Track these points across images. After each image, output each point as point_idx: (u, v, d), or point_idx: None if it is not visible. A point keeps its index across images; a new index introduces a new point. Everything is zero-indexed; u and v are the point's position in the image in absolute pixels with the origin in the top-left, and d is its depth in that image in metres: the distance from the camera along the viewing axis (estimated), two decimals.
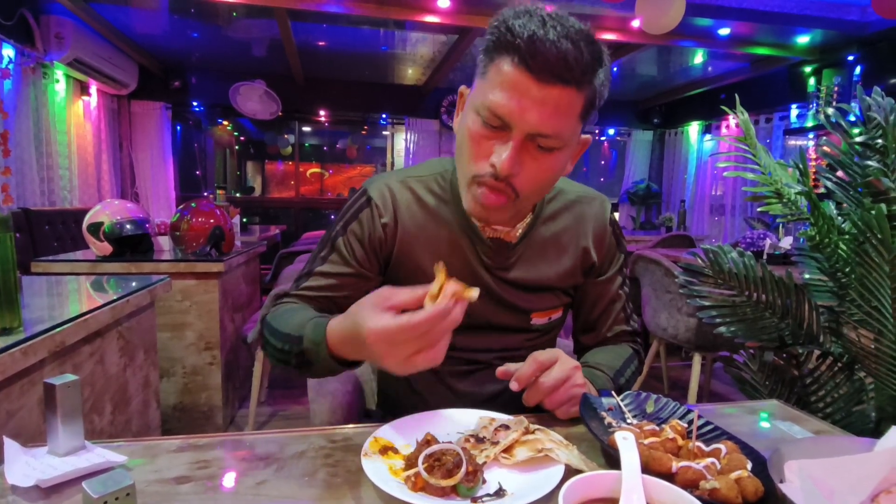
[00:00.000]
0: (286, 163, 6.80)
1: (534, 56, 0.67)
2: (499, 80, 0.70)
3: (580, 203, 0.95)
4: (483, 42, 0.74)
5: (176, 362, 2.28)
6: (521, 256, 0.90)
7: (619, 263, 0.99)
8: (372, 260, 0.89)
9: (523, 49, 0.67)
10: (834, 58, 4.22)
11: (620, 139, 6.76)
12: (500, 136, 0.73)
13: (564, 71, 0.68)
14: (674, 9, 2.70)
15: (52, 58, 3.70)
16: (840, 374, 1.21)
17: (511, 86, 0.69)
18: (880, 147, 1.09)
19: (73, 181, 4.19)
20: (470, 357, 0.93)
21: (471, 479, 0.55)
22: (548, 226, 0.92)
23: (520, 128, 0.70)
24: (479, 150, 0.75)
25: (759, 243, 2.90)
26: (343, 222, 0.90)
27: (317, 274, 0.88)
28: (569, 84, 0.69)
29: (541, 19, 0.68)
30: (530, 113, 0.69)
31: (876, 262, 1.03)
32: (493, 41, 0.72)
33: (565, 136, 0.73)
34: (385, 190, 0.89)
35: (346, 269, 0.87)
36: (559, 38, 0.67)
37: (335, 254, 0.88)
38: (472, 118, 0.75)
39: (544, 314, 0.94)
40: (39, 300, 1.31)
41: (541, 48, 0.67)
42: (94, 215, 2.13)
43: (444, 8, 3.53)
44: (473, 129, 0.74)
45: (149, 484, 0.56)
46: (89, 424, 1.23)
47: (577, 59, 0.68)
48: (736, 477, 0.53)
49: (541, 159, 0.74)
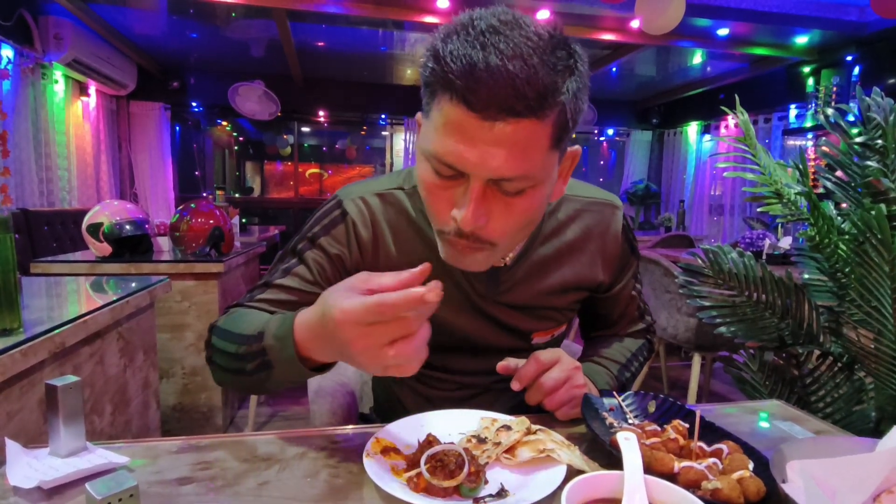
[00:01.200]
0: (285, 163, 6.80)
1: (473, 91, 0.54)
2: (441, 122, 0.58)
3: (587, 213, 0.85)
4: (420, 73, 0.61)
5: (175, 363, 2.28)
6: (517, 280, 0.82)
7: (632, 270, 0.92)
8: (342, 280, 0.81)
9: (458, 85, 0.55)
10: (832, 58, 4.23)
11: (619, 139, 6.77)
12: (457, 185, 0.61)
13: (515, 102, 0.54)
14: (673, 9, 2.71)
15: (50, 58, 3.70)
16: (840, 374, 1.22)
17: (455, 129, 0.57)
18: (880, 147, 1.09)
19: (72, 182, 4.18)
20: (468, 381, 0.88)
21: (473, 480, 0.55)
22: (547, 244, 0.83)
23: (477, 175, 0.58)
24: (438, 201, 0.64)
25: (758, 243, 2.90)
26: (312, 234, 0.79)
27: (275, 286, 0.78)
28: (524, 116, 0.55)
29: (480, 37, 0.55)
30: (485, 158, 0.57)
31: (875, 262, 1.03)
32: (427, 74, 0.59)
33: (534, 174, 0.60)
34: (362, 205, 0.79)
35: (309, 287, 0.77)
36: (504, 59, 0.53)
37: (301, 266, 0.78)
38: (423, 167, 0.63)
39: (546, 333, 0.88)
40: (39, 301, 1.31)
41: (481, 78, 0.54)
42: (94, 216, 2.13)
43: (443, 8, 3.53)
44: (426, 179, 0.63)
45: (151, 485, 0.56)
46: (89, 425, 1.23)
47: (529, 81, 0.54)
48: (738, 477, 0.53)
49: (511, 203, 0.61)
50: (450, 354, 0.85)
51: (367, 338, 0.52)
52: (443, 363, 0.86)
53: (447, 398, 0.87)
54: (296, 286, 0.78)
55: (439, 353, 0.82)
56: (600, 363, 0.88)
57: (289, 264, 0.80)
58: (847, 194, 1.17)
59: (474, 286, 0.81)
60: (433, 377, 0.88)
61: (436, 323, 0.80)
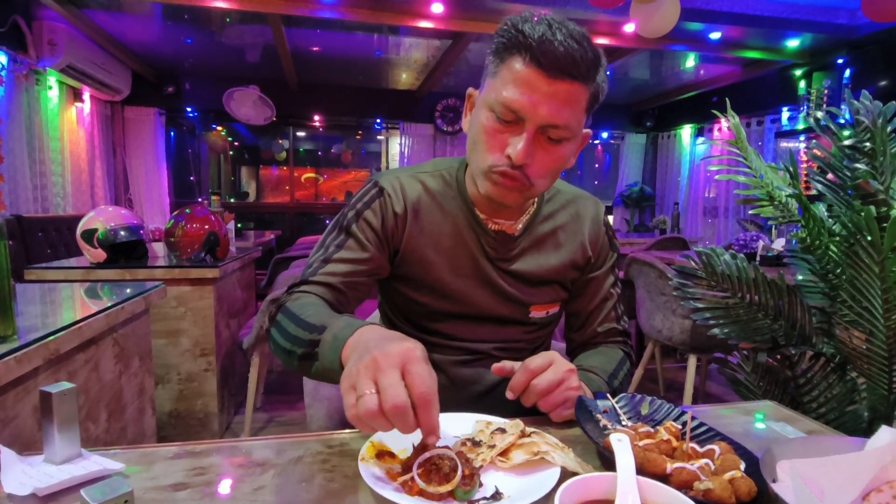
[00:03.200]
0: (281, 168, 6.80)
1: (545, 54, 0.73)
2: (511, 77, 0.76)
3: (576, 202, 1.01)
4: (493, 45, 0.80)
5: (171, 369, 2.27)
6: (523, 249, 0.94)
7: (611, 262, 1.03)
8: (384, 248, 0.91)
9: (535, 48, 0.73)
10: (823, 61, 4.27)
11: (614, 142, 6.80)
12: (513, 130, 0.78)
13: (573, 67, 0.74)
14: (668, 12, 2.73)
15: (44, 64, 3.70)
16: (832, 374, 1.23)
17: (524, 82, 0.75)
18: (869, 150, 1.10)
19: (66, 188, 4.17)
20: (469, 347, 0.96)
21: (467, 483, 0.55)
22: (547, 222, 0.97)
23: (533, 120, 0.76)
24: (494, 143, 0.80)
25: (751, 245, 2.92)
26: (356, 210, 0.92)
27: (335, 260, 0.89)
28: (576, 80, 0.75)
29: (547, 23, 0.75)
30: (542, 106, 0.75)
31: (866, 264, 1.04)
32: (505, 43, 0.77)
33: (574, 126, 0.79)
34: (395, 182, 0.93)
35: (364, 255, 0.89)
36: (566, 38, 0.73)
37: (352, 240, 0.90)
38: (486, 115, 0.80)
39: (542, 308, 0.97)
40: (33, 308, 1.30)
41: (550, 48, 0.73)
42: (88, 222, 2.12)
43: (437, 13, 3.55)
44: (488, 124, 0.79)
45: (146, 491, 0.56)
46: (84, 432, 1.22)
47: (583, 57, 0.74)
48: (729, 477, 0.53)
49: (551, 150, 0.79)
50: (452, 321, 0.95)
51: (374, 378, 0.54)
52: (449, 330, 0.96)
53: (450, 362, 0.95)
54: (349, 257, 0.89)
55: (446, 321, 0.95)
56: (591, 370, 0.90)
57: (340, 240, 0.91)
58: (838, 196, 1.19)
59: (486, 251, 0.93)
60: (440, 344, 0.96)
61: (445, 290, 0.92)
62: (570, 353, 1.07)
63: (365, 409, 0.52)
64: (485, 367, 0.94)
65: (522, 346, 1.00)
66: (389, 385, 0.52)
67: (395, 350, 0.56)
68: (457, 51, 4.29)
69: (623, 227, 6.53)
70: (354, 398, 0.54)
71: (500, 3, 3.43)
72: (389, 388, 0.52)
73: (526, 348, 1.00)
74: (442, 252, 0.92)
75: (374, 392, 0.53)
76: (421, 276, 0.92)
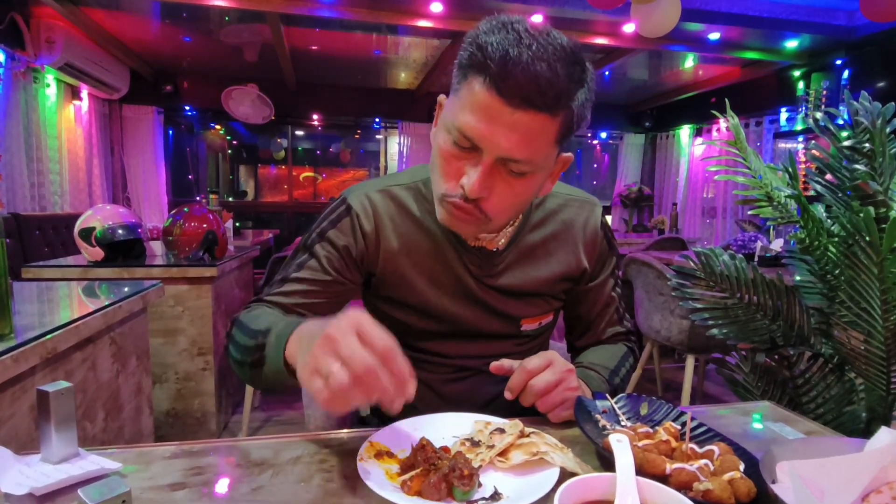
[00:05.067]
0: (279, 167, 6.78)
1: (504, 79, 0.63)
2: (469, 100, 0.67)
3: (568, 208, 0.93)
4: (458, 57, 0.70)
5: (169, 368, 2.27)
6: (509, 264, 0.88)
7: (611, 266, 0.98)
8: (352, 270, 0.86)
9: (494, 71, 0.63)
10: (822, 62, 4.28)
11: (612, 142, 6.80)
12: (470, 158, 0.70)
13: (536, 97, 0.64)
14: (668, 12, 2.73)
15: (42, 62, 3.68)
16: (831, 375, 1.23)
17: (481, 108, 0.66)
18: (867, 151, 1.10)
19: (63, 186, 4.16)
20: (461, 364, 0.92)
21: (466, 483, 0.55)
22: (536, 232, 0.90)
23: (490, 151, 0.67)
24: (450, 169, 0.72)
25: (750, 245, 2.92)
26: (320, 229, 0.86)
27: (292, 280, 0.85)
28: (540, 110, 0.65)
29: (516, 37, 0.64)
30: (500, 137, 0.66)
31: (864, 264, 1.04)
32: (466, 58, 0.68)
33: (538, 161, 0.70)
34: (365, 200, 0.86)
35: (323, 277, 0.84)
36: (533, 59, 0.63)
37: (313, 260, 0.85)
38: (444, 137, 0.72)
39: (534, 320, 0.93)
40: (30, 306, 1.30)
41: (513, 71, 0.63)
42: (86, 220, 2.11)
43: (436, 12, 3.54)
44: (444, 147, 0.72)
45: (143, 491, 0.56)
46: (81, 431, 1.22)
47: (550, 83, 0.63)
48: (729, 478, 0.53)
49: (513, 183, 0.71)
50: (443, 340, 0.91)
51: (333, 351, 0.52)
52: (437, 349, 0.91)
53: (444, 380, 0.92)
54: (308, 277, 0.84)
55: (433, 340, 0.90)
56: (592, 368, 0.89)
57: (301, 259, 0.86)
58: (836, 197, 1.19)
59: (469, 268, 0.87)
60: (429, 362, 0.92)
61: (429, 310, 0.88)
62: (572, 354, 1.04)
63: (337, 385, 0.50)
64: (478, 383, 0.91)
65: (517, 357, 0.94)
66: (352, 352, 0.51)
67: (343, 321, 0.54)
68: (455, 50, 4.23)
69: (621, 227, 6.53)
70: (321, 381, 0.52)
71: (499, 3, 3.43)
72: (354, 354, 0.51)
73: (521, 358, 0.97)
74: (423, 271, 0.86)
75: (341, 365, 0.51)
76: (404, 296, 0.88)
